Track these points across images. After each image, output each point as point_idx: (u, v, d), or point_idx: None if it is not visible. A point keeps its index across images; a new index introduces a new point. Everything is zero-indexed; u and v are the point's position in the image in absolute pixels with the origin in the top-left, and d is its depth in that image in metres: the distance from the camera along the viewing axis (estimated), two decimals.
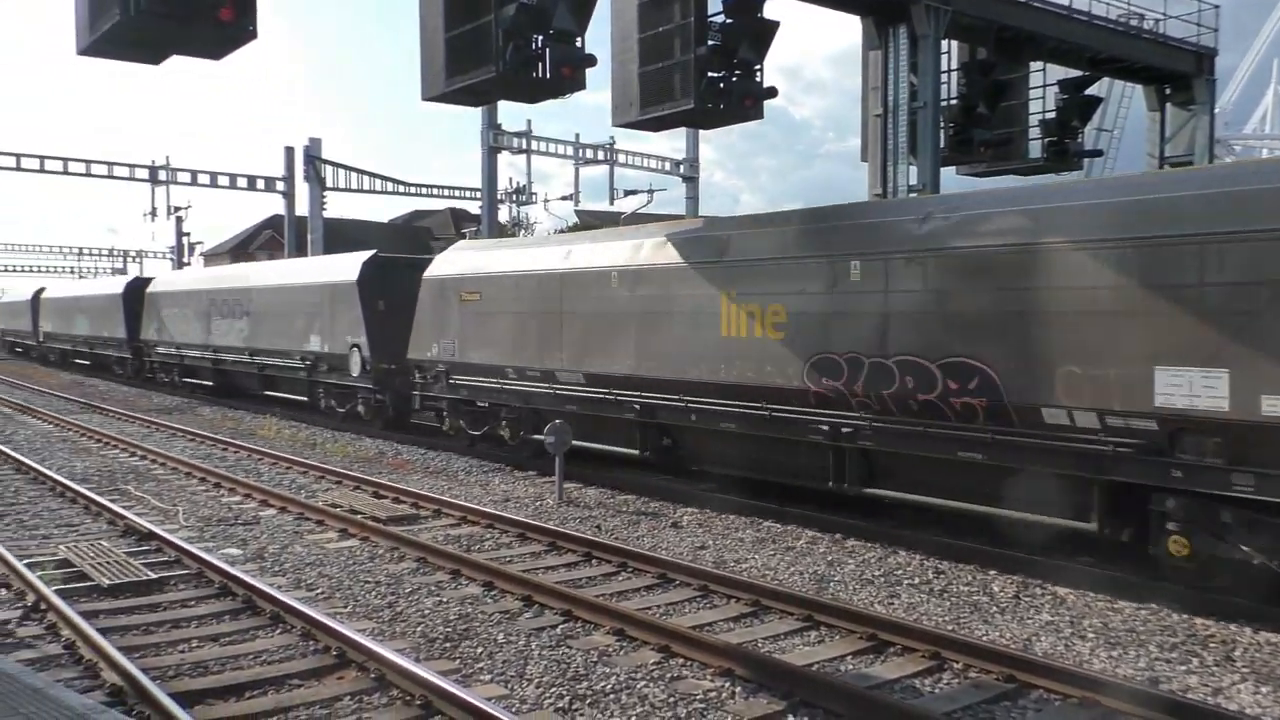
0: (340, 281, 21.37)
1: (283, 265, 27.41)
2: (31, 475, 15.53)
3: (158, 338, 32.02)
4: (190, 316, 29.49)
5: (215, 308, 27.67)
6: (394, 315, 19.62)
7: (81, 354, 41.98)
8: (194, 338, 29.14)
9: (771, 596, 8.87)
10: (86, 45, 9.39)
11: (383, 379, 20.18)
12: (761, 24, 13.87)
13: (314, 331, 22.28)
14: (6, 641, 7.76)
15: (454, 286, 17.36)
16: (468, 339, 17.03)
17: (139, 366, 34.59)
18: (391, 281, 20.51)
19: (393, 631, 8.12)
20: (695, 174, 40.07)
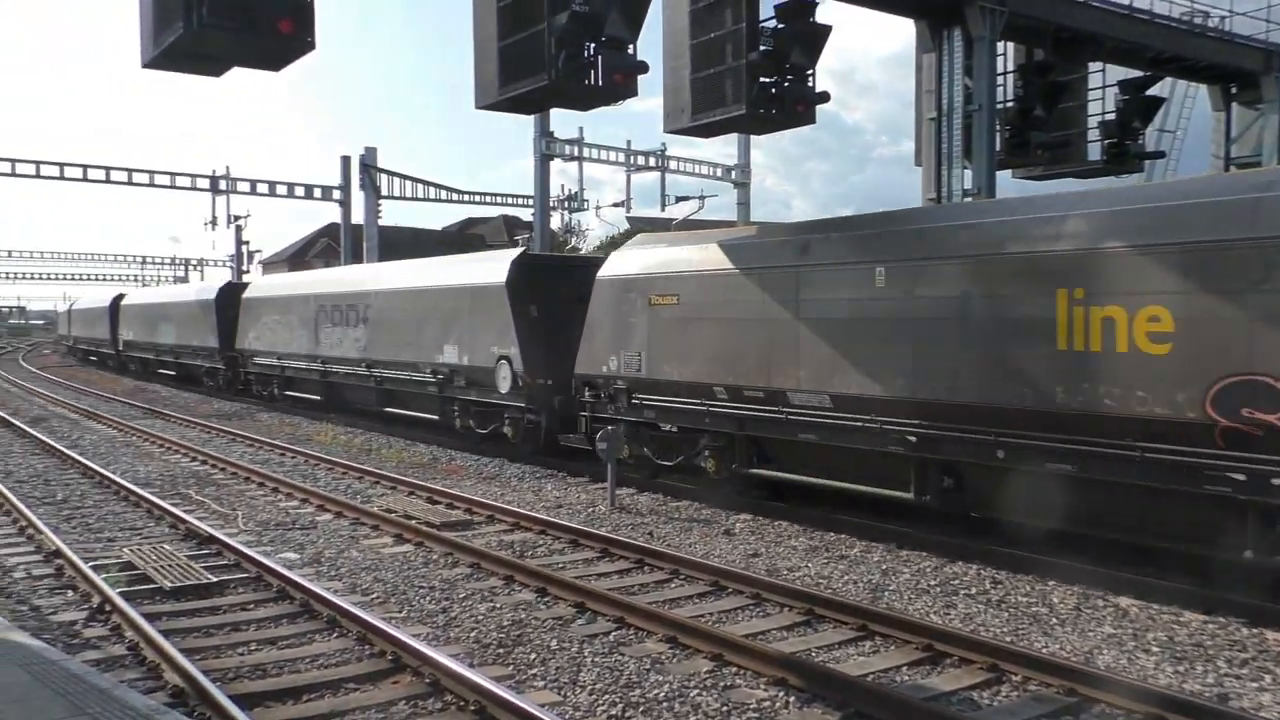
0: (484, 284, 18.45)
1: (409, 267, 24.00)
2: (97, 479, 15.90)
3: (255, 347, 29.29)
4: (294, 324, 26.70)
5: (325, 314, 24.92)
6: (548, 323, 17.56)
7: (166, 364, 38.82)
8: (298, 348, 26.39)
9: (825, 605, 8.79)
10: (151, 59, 9.61)
11: (538, 397, 17.21)
12: (813, 28, 13.79)
13: (450, 341, 19.35)
14: (73, 642, 7.94)
15: (641, 288, 14.67)
16: (659, 351, 14.34)
17: (232, 378, 31.93)
18: (544, 284, 18.00)
19: (447, 636, 8.17)
20: (746, 179, 39.96)
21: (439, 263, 22.50)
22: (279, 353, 27.54)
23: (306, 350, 25.91)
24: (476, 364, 18.57)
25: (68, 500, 14.19)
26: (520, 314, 17.56)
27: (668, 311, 14.23)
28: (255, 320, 29.37)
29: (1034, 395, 9.97)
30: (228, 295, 32.38)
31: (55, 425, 24.05)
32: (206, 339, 33.27)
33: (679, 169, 39.75)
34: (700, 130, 14.39)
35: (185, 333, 35.55)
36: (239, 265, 54.86)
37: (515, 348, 17.39)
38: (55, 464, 17.71)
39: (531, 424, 17.53)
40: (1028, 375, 10.05)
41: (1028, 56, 19.66)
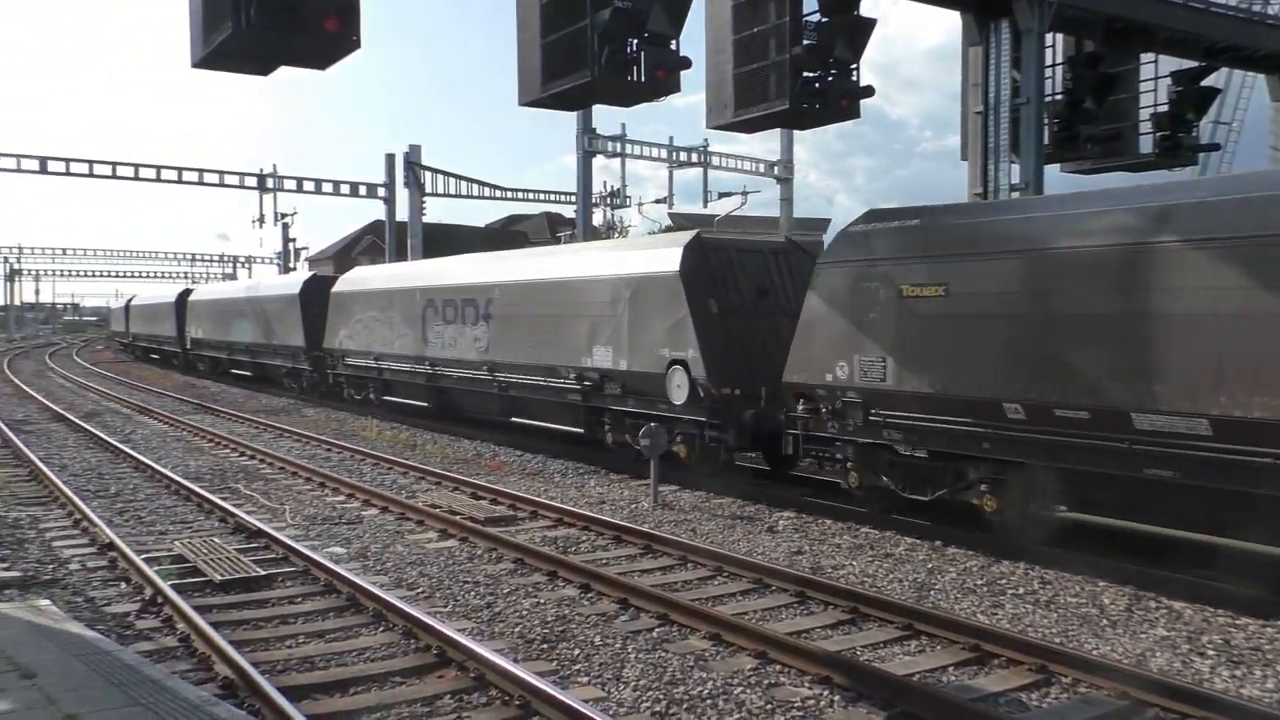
0: (651, 274, 15.51)
1: (544, 255, 21.26)
2: (149, 473, 16.19)
3: (348, 347, 26.17)
4: (396, 321, 23.63)
5: (435, 310, 21.89)
6: (733, 321, 14.71)
7: (240, 364, 36.09)
8: (401, 348, 23.37)
9: (870, 604, 8.72)
10: (200, 58, 9.75)
11: (723, 410, 14.19)
12: (858, 22, 13.67)
13: (601, 342, 16.35)
14: (127, 634, 8.09)
15: (887, 277, 11.68)
16: (913, 356, 11.43)
17: (318, 380, 29.14)
18: (725, 272, 15.16)
19: (491, 631, 8.22)
20: (789, 175, 39.74)
21: (584, 249, 19.57)
22: (376, 353, 24.56)
23: (411, 351, 22.91)
24: (639, 369, 15.57)
25: (121, 494, 14.47)
26: (700, 310, 14.54)
27: (928, 306, 11.24)
28: (347, 317, 26.31)
29: None
30: (314, 290, 29.54)
31: (108, 420, 24.53)
32: (289, 337, 30.48)
33: (721, 165, 39.65)
34: (743, 126, 14.33)
35: (264, 330, 32.82)
36: (285, 262, 55.58)
37: (695, 351, 14.34)
38: (108, 458, 18.06)
39: (713, 441, 14.54)
40: None
41: (1077, 48, 19.33)
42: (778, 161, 39.75)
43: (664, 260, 15.32)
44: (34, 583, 9.48)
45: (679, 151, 39.01)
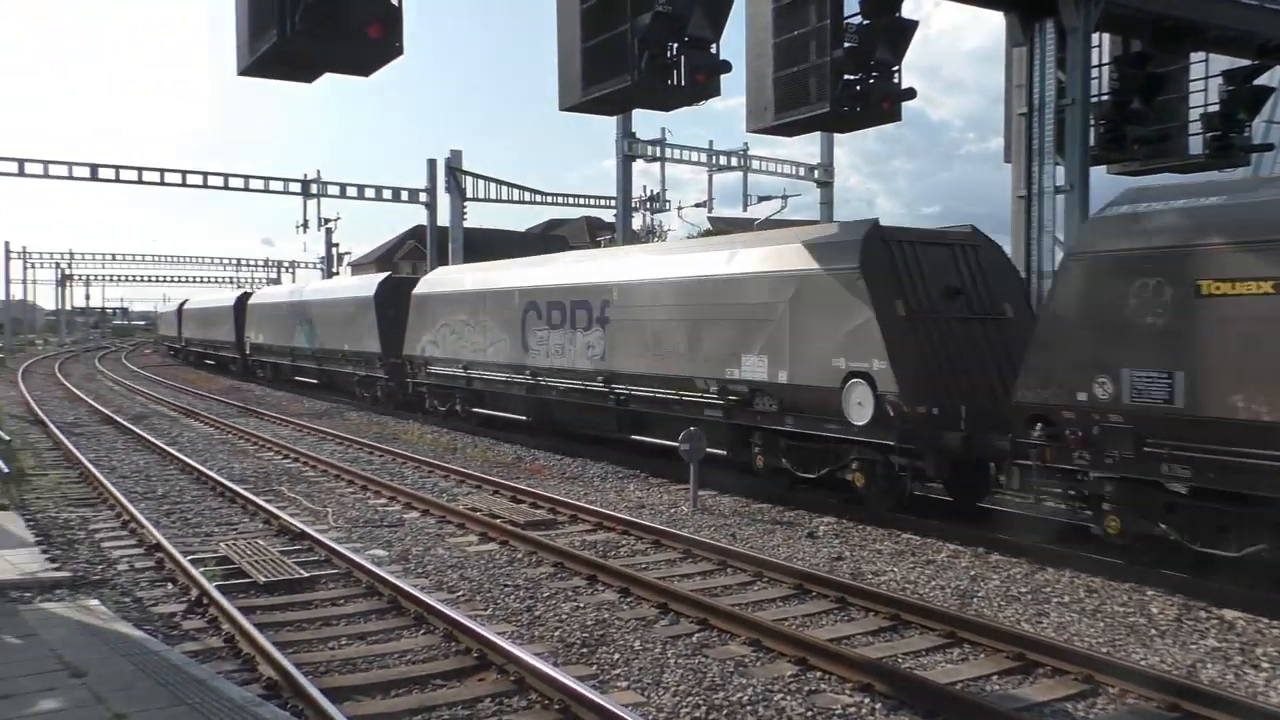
0: (820, 271, 13.13)
1: (671, 250, 18.61)
2: (195, 475, 16.43)
3: (431, 354, 23.91)
4: (489, 326, 21.31)
5: (537, 314, 19.58)
6: (924, 325, 12.48)
7: (305, 371, 34.50)
8: (495, 355, 20.99)
9: (912, 611, 8.64)
10: (246, 66, 9.90)
11: (916, 432, 11.96)
12: (899, 24, 13.56)
13: (752, 350, 14.08)
14: (173, 634, 8.21)
15: (1177, 269, 9.33)
16: (1222, 369, 9.03)
17: (395, 390, 27.04)
18: (909, 270, 12.84)
19: (531, 635, 8.24)
20: (830, 178, 39.50)
21: (723, 243, 16.82)
22: (464, 361, 22.26)
23: (507, 359, 20.55)
24: (804, 382, 13.24)
25: (167, 495, 14.69)
26: (886, 313, 12.26)
27: (1248, 307, 8.79)
28: (431, 321, 23.99)
29: None
30: (391, 291, 27.68)
31: (155, 423, 24.93)
32: (364, 343, 28.45)
33: (761, 169, 39.48)
34: (783, 129, 14.26)
35: (334, 335, 30.78)
36: (328, 267, 56.16)
37: (883, 361, 12.08)
38: (156, 460, 18.35)
39: (901, 469, 12.36)
40: None
41: (1124, 48, 19.03)
42: (818, 165, 39.53)
43: (839, 253, 12.98)
44: (83, 583, 9.65)
45: (719, 155, 38.92)
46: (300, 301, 35.04)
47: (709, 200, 40.79)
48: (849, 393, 12.49)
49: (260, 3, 9.51)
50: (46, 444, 20.61)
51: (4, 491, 13.94)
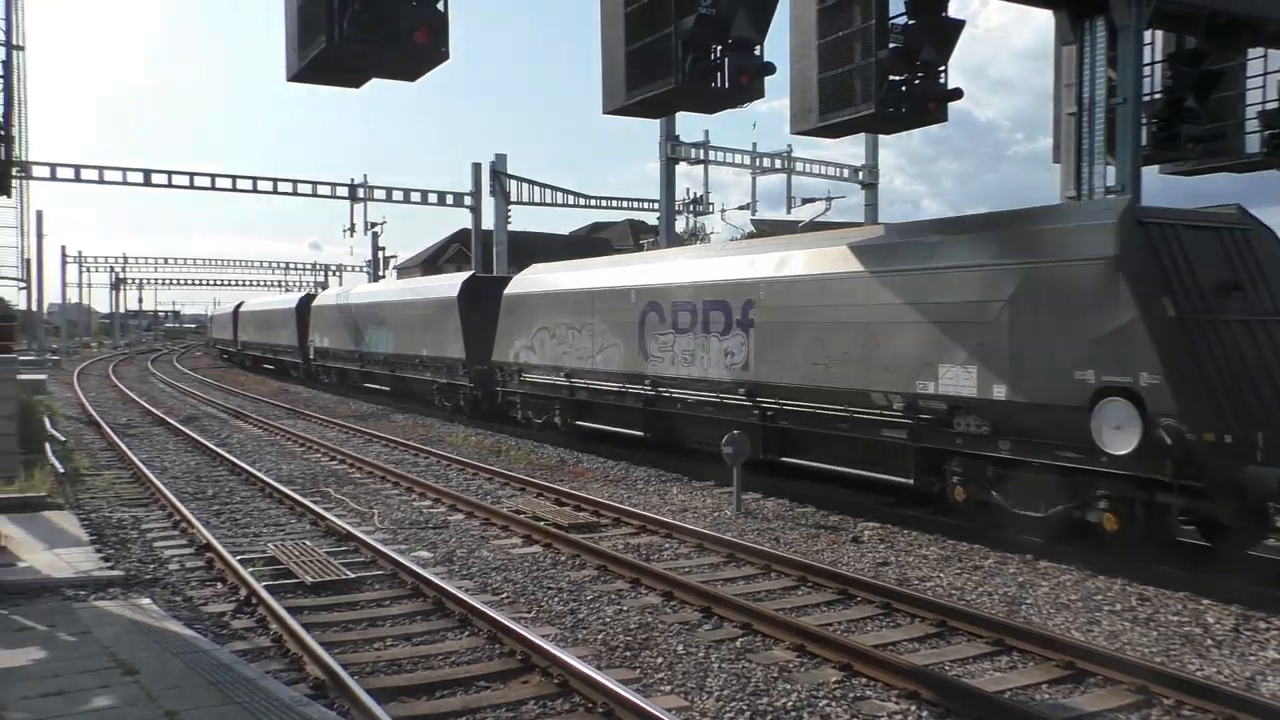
0: (1048, 263, 10.99)
1: (826, 241, 15.35)
2: (244, 476, 16.67)
3: (527, 360, 21.62)
4: (600, 330, 18.96)
5: (660, 316, 17.34)
6: (1195, 330, 10.11)
7: (375, 378, 32.13)
8: (608, 362, 18.70)
9: (958, 617, 8.53)
10: (296, 72, 10.03)
11: (1203, 465, 9.54)
12: (945, 23, 13.41)
13: (954, 359, 11.83)
14: (223, 633, 8.33)
15: None
16: None
17: (481, 399, 24.84)
18: (1175, 260, 10.48)
19: (575, 638, 8.24)
20: (875, 180, 39.21)
21: (902, 231, 14.36)
22: (566, 368, 19.93)
23: (622, 366, 18.26)
24: (1034, 399, 10.93)
25: (217, 496, 14.91)
26: (1153, 314, 9.99)
27: None
28: (525, 324, 21.71)
29: None
30: (478, 291, 25.54)
31: (205, 424, 25.34)
32: (446, 347, 26.27)
33: (805, 170, 39.30)
34: (828, 131, 14.15)
35: (411, 340, 28.72)
36: (375, 270, 56.75)
37: (1156, 375, 9.72)
38: (206, 461, 18.64)
39: (1179, 511, 10.06)
40: None
41: (1178, 44, 18.66)
42: (862, 166, 39.27)
43: (1084, 239, 10.68)
44: (136, 581, 9.82)
45: (762, 157, 38.79)
46: (372, 303, 32.66)
47: (753, 202, 40.63)
48: (1102, 413, 10.11)
49: (309, 10, 9.63)
50: (100, 444, 21.03)
51: (60, 491, 14.24)
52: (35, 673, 6.83)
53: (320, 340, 37.85)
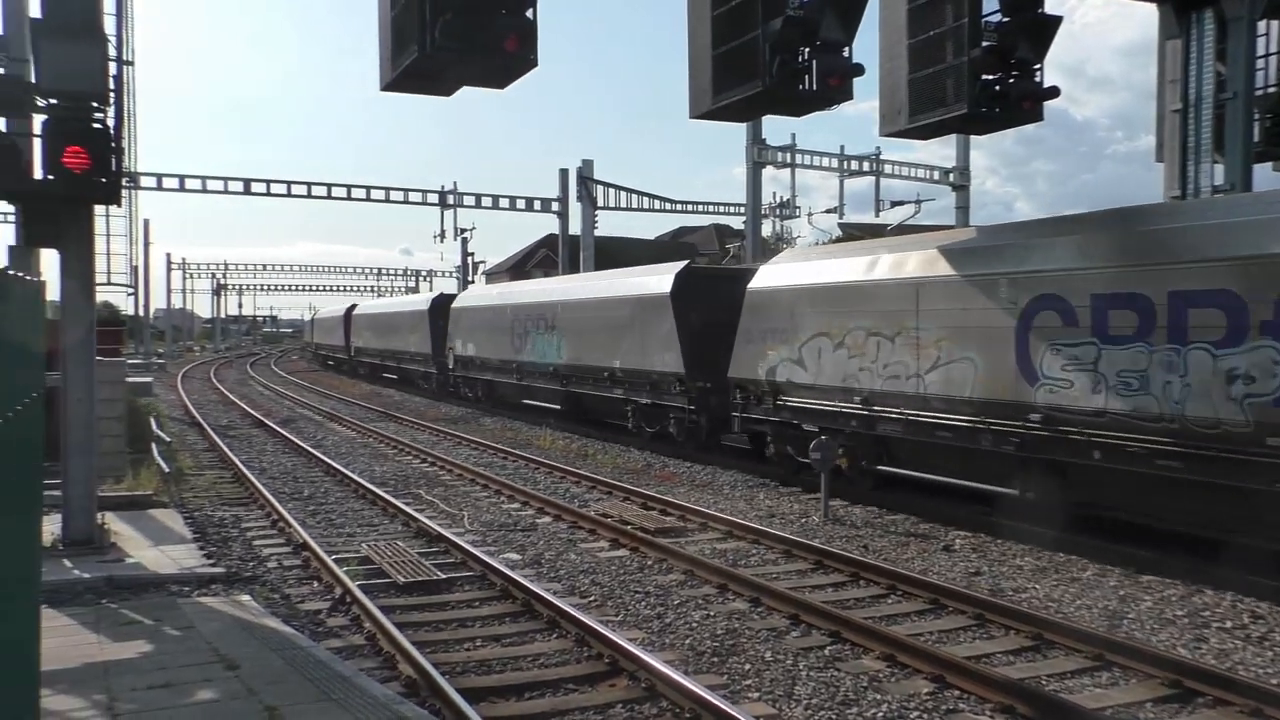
0: None
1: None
2: (338, 478, 17.07)
3: (792, 378, 16.03)
4: (937, 337, 13.22)
5: (1068, 318, 11.45)
6: None
7: (538, 392, 26.22)
8: (947, 385, 13.03)
9: (1056, 630, 8.28)
10: (389, 81, 10.24)
11: None
12: (1042, 20, 13.07)
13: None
14: (319, 630, 8.53)
15: None
16: None
17: (703, 429, 19.25)
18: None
19: (662, 643, 8.23)
20: (966, 182, 38.47)
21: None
22: (864, 390, 14.37)
23: (985, 392, 12.44)
24: None
25: (313, 496, 15.30)
26: None
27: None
28: (787, 329, 16.20)
29: None
30: (695, 287, 19.89)
31: (302, 426, 26.04)
32: (651, 359, 20.38)
33: (894, 173, 38.79)
34: (918, 132, 13.91)
35: (595, 348, 23.02)
36: (464, 276, 57.70)
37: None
38: (302, 462, 19.15)
39: None
40: None
41: None
42: (953, 168, 38.56)
43: None
44: (236, 579, 10.13)
45: (850, 160, 38.37)
46: (538, 303, 26.71)
47: (840, 206, 40.27)
48: None
49: (402, 21, 9.82)
50: (203, 445, 21.77)
51: (165, 490, 14.78)
52: (142, 665, 7.09)
53: (464, 348, 32.07)
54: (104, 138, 9.90)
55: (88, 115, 9.91)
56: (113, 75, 10.13)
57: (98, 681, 6.67)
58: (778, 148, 35.41)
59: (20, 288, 3.90)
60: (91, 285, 10.93)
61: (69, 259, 10.63)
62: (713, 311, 18.85)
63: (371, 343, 46.28)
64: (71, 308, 10.74)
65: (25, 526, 4.30)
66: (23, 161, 10.07)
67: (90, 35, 9.73)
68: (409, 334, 39.04)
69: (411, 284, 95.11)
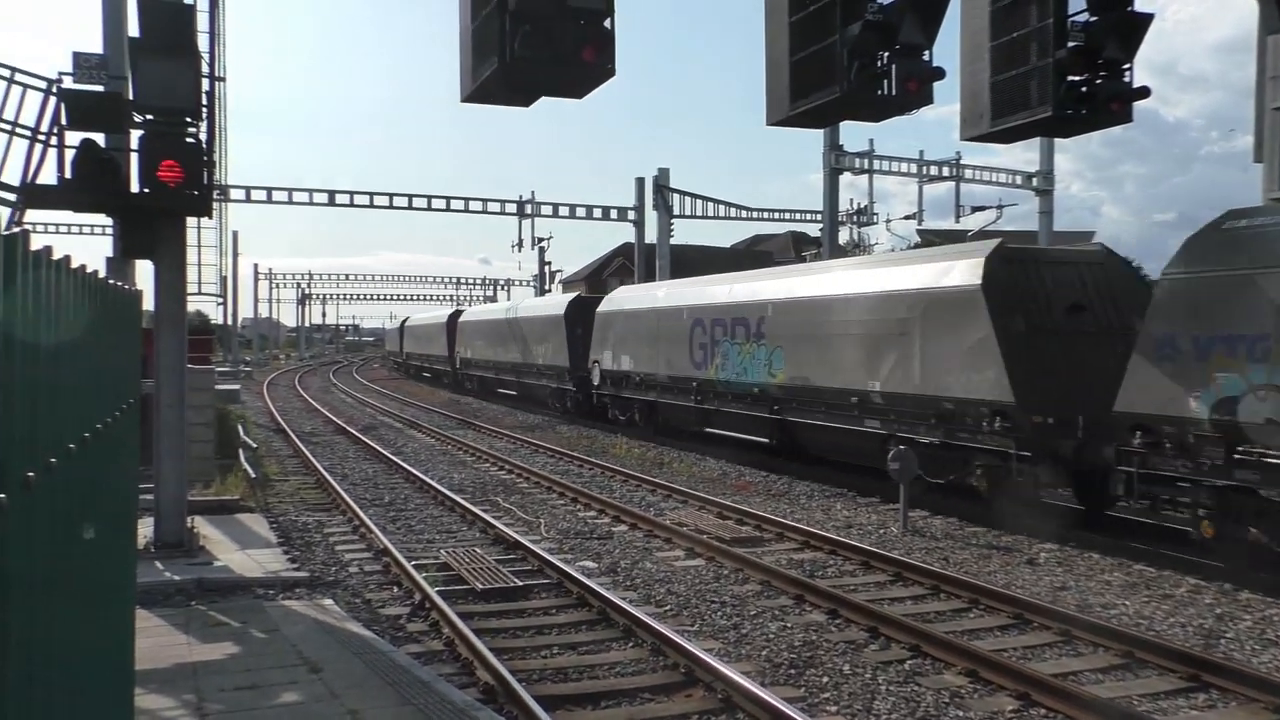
0: None
1: None
2: (418, 484, 17.32)
3: None
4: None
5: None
6: None
7: (736, 421, 20.10)
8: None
9: (1147, 649, 8.01)
10: (469, 93, 10.38)
11: None
12: (1132, 18, 12.68)
13: None
14: (399, 635, 8.65)
15: None
16: None
17: (1028, 483, 13.04)
18: None
19: (738, 653, 8.17)
20: (1050, 186, 37.58)
21: None
22: None
23: None
24: None
25: (393, 503, 15.55)
26: None
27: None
28: None
29: None
30: (1016, 276, 14.12)
31: (383, 433, 26.51)
32: (948, 380, 14.42)
33: (975, 178, 38.06)
34: (1001, 136, 13.59)
35: (838, 367, 16.98)
36: (541, 285, 58.21)
37: None
38: (383, 469, 19.48)
39: None
40: None
41: None
42: (1037, 172, 37.71)
43: None
44: (319, 583, 10.33)
45: (929, 165, 37.79)
46: (737, 305, 20.51)
47: (919, 212, 39.58)
48: None
49: (482, 33, 9.96)
50: (288, 451, 22.29)
51: (251, 495, 15.16)
52: (230, 667, 7.27)
53: (614, 360, 26.26)
54: (196, 152, 10.22)
55: (181, 130, 10.24)
56: (205, 91, 10.45)
57: (187, 682, 6.86)
58: (855, 154, 35.03)
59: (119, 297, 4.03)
60: (184, 295, 11.28)
61: (163, 269, 10.98)
62: (1050, 312, 13.80)
63: (484, 353, 40.66)
64: (165, 317, 11.09)
65: (122, 530, 4.44)
66: (121, 175, 10.44)
67: (185, 54, 10.05)
68: (536, 344, 32.95)
69: (489, 293, 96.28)
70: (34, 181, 10.24)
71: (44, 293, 2.44)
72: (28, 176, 10.22)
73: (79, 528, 3.00)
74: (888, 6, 11.59)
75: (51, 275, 2.53)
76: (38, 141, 10.23)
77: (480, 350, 41.45)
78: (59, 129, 10.24)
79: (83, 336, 3.09)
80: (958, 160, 37.76)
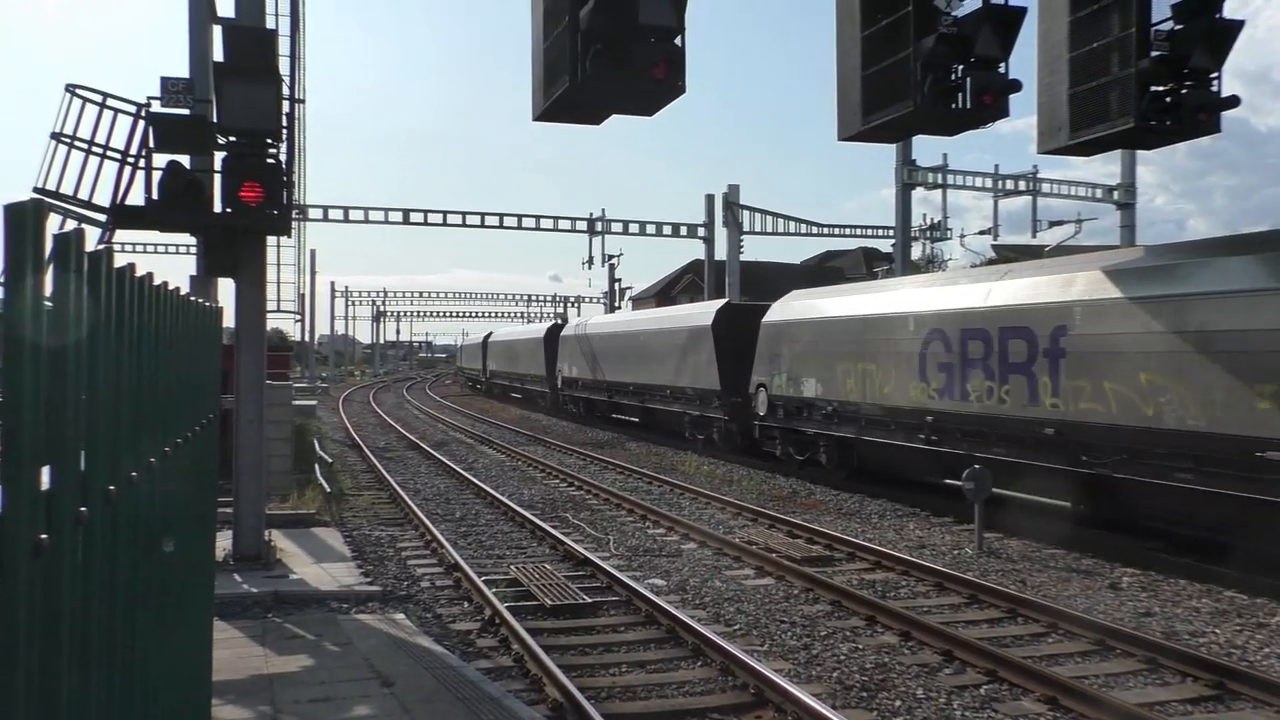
0: None
1: None
2: (488, 500, 17.46)
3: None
4: None
5: None
6: None
7: (1004, 467, 13.92)
8: None
9: (1241, 680, 7.69)
10: (541, 111, 10.51)
11: None
12: (1220, 26, 12.34)
13: None
14: (469, 650, 8.69)
15: None
16: None
17: None
18: None
19: (808, 675, 8.05)
20: (1132, 199, 36.65)
21: None
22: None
23: None
24: None
25: (464, 518, 15.68)
26: None
27: None
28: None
29: None
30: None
31: (454, 449, 26.80)
32: None
33: (1052, 192, 37.28)
34: (1080, 149, 13.33)
35: (1209, 400, 11.22)
36: (611, 301, 58.45)
37: None
38: (454, 485, 19.68)
39: None
40: None
41: None
42: (1118, 185, 36.81)
43: None
44: (392, 597, 10.45)
45: (1005, 179, 37.12)
46: (999, 310, 14.77)
47: (994, 227, 38.92)
48: None
49: (554, 52, 10.07)
50: (362, 466, 22.66)
51: (326, 509, 15.42)
52: (305, 679, 7.37)
53: (791, 384, 20.59)
54: (277, 172, 10.48)
55: (263, 152, 10.51)
56: (285, 113, 10.71)
57: (263, 693, 6.97)
58: (928, 168, 34.58)
59: (201, 313, 4.13)
60: (263, 312, 11.55)
61: (243, 286, 11.27)
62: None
63: (594, 373, 33.89)
64: (245, 333, 11.36)
65: (202, 542, 4.53)
66: (205, 196, 10.75)
67: (266, 77, 10.32)
68: (669, 362, 26.89)
69: (560, 309, 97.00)
70: (123, 203, 10.60)
71: (128, 309, 2.49)
72: (117, 197, 10.58)
73: (159, 540, 3.06)
74: (963, 19, 11.44)
75: (135, 292, 2.59)
76: (127, 164, 10.59)
77: (589, 369, 35.00)
78: (147, 151, 10.58)
79: (165, 353, 3.16)
80: (1034, 174, 37.02)
